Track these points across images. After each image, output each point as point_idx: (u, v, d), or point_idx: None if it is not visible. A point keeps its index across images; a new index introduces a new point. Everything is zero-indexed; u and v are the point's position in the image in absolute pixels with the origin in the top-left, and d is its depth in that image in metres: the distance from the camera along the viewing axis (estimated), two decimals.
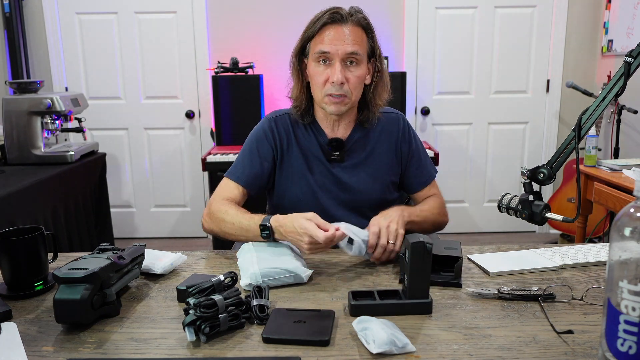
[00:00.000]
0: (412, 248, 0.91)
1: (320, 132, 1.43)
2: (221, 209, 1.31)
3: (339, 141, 1.41)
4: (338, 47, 1.28)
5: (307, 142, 1.43)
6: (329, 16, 1.29)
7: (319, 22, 1.30)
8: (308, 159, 1.43)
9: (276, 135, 1.43)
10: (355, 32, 1.30)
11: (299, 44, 1.36)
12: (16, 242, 1.03)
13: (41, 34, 3.62)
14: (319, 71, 1.32)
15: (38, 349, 0.83)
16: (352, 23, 1.30)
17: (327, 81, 1.31)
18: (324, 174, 1.42)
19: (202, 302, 0.85)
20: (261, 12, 3.61)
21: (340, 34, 1.29)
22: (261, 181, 1.43)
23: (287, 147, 1.43)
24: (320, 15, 1.31)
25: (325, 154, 1.42)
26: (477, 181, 3.86)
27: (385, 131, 1.46)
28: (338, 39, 1.29)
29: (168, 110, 3.75)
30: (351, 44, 1.29)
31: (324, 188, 1.42)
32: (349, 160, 1.43)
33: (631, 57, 1.20)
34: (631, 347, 0.67)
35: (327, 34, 1.29)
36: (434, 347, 0.82)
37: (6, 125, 2.59)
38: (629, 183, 2.19)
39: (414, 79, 3.69)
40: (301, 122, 1.44)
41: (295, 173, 1.42)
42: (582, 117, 1.21)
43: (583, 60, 3.67)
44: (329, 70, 1.30)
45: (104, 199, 3.04)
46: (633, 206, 0.66)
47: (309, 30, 1.33)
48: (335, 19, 1.29)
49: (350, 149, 1.43)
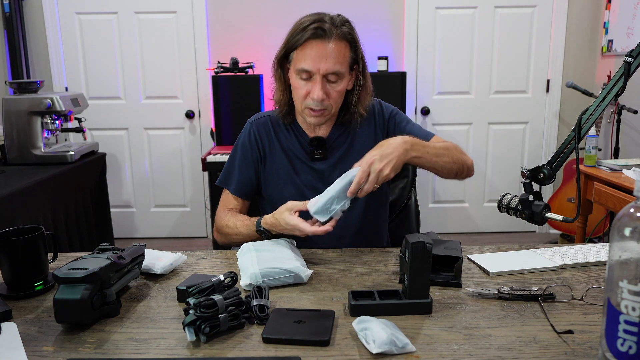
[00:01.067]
0: (412, 248, 0.91)
1: (302, 132, 1.44)
2: (223, 224, 1.40)
3: (320, 140, 1.41)
4: (320, 65, 1.27)
5: (289, 143, 1.44)
6: (312, 31, 1.26)
7: (302, 34, 1.27)
8: (291, 159, 1.43)
9: (258, 138, 1.44)
10: (338, 49, 1.28)
11: (282, 50, 1.34)
12: (16, 242, 1.03)
13: (41, 34, 3.62)
14: (300, 84, 1.31)
15: (38, 349, 0.83)
16: (336, 38, 1.27)
17: (307, 95, 1.31)
18: (308, 173, 1.42)
19: (202, 302, 0.85)
20: (261, 12, 3.61)
21: (323, 52, 1.26)
22: (251, 187, 1.46)
23: (269, 150, 1.44)
24: (304, 26, 1.27)
25: (308, 154, 1.43)
26: (477, 181, 3.86)
27: (364, 121, 1.44)
28: (320, 57, 1.26)
29: (168, 110, 3.75)
30: (333, 63, 1.27)
31: (310, 186, 1.41)
32: (332, 156, 1.43)
33: (631, 57, 1.20)
34: (631, 347, 0.67)
35: (309, 51, 1.27)
36: (434, 347, 0.82)
37: (6, 125, 2.59)
38: (629, 183, 2.19)
39: (414, 79, 3.69)
40: (282, 124, 1.45)
41: (281, 175, 1.43)
42: (582, 117, 1.21)
43: (583, 60, 3.67)
44: (310, 85, 1.30)
45: (104, 199, 3.04)
46: (633, 206, 0.66)
47: (292, 39, 1.30)
48: (319, 35, 1.26)
49: (332, 146, 1.43)
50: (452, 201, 3.89)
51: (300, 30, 1.28)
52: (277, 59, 1.36)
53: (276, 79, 1.40)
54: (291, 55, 1.32)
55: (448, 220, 3.91)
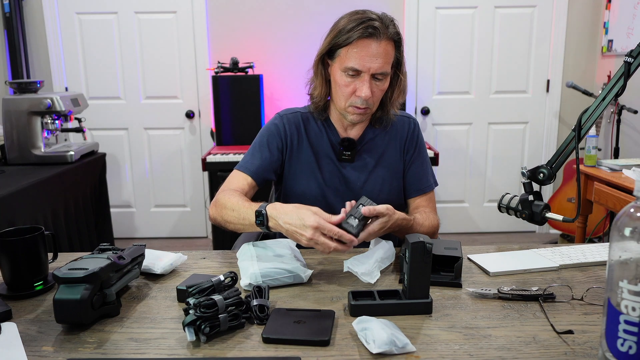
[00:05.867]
0: (412, 248, 0.91)
1: (333, 130, 1.44)
2: (225, 197, 1.29)
3: (350, 141, 1.42)
4: (370, 65, 1.27)
5: (318, 139, 1.44)
6: (363, 30, 1.25)
7: (353, 32, 1.26)
8: (318, 156, 1.43)
9: (287, 130, 1.43)
10: (386, 50, 1.28)
11: (326, 46, 1.32)
12: (16, 242, 1.03)
13: (41, 34, 3.62)
14: (346, 82, 1.31)
15: (38, 349, 0.83)
16: (385, 37, 1.27)
17: (353, 93, 1.31)
18: (333, 173, 1.43)
19: (202, 302, 0.85)
20: (261, 12, 3.61)
21: (373, 52, 1.26)
22: (269, 173, 1.42)
23: (297, 143, 1.43)
24: (353, 25, 1.26)
25: (336, 153, 1.43)
26: (477, 181, 3.86)
27: (396, 133, 1.47)
28: (370, 56, 1.26)
29: (168, 110, 3.75)
30: (382, 63, 1.27)
31: (332, 186, 1.42)
32: (359, 160, 1.44)
33: (631, 57, 1.20)
34: (631, 347, 0.67)
35: (359, 50, 1.26)
36: (434, 347, 0.82)
37: (6, 125, 2.59)
38: (629, 183, 2.19)
39: (414, 79, 3.69)
40: (313, 120, 1.45)
41: (305, 169, 1.43)
42: (582, 117, 1.21)
43: (583, 60, 3.67)
44: (357, 83, 1.30)
45: (104, 199, 3.04)
46: (633, 206, 0.66)
47: (339, 36, 1.28)
48: (370, 34, 1.26)
49: (362, 150, 1.44)
50: (452, 201, 3.89)
51: (349, 29, 1.27)
52: (320, 54, 1.35)
53: (316, 74, 1.39)
54: (338, 52, 1.31)
55: (448, 220, 3.91)
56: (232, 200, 1.26)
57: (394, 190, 1.46)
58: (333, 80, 1.35)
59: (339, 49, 1.30)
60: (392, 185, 1.45)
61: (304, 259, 1.17)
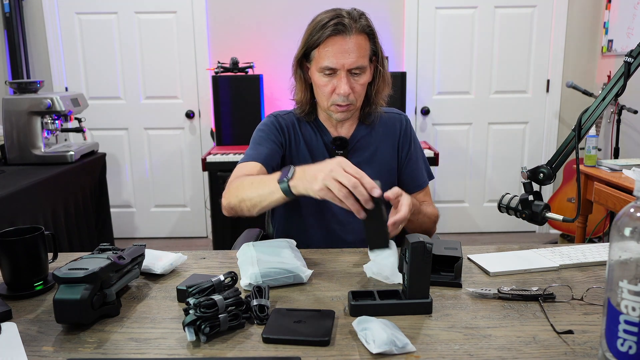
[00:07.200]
0: (412, 248, 0.91)
1: (324, 130, 1.45)
2: (239, 180, 1.25)
3: (342, 139, 1.42)
4: (343, 61, 1.27)
5: (312, 140, 1.45)
6: (332, 27, 1.26)
7: (322, 32, 1.27)
8: (314, 155, 1.44)
9: (284, 128, 1.44)
10: (359, 43, 1.28)
11: (302, 50, 1.34)
12: (16, 242, 1.03)
13: (41, 34, 3.62)
14: (324, 82, 1.32)
15: (38, 349, 0.83)
16: (356, 32, 1.27)
17: (333, 92, 1.32)
18: None
19: (202, 302, 0.84)
20: (261, 12, 3.61)
21: (345, 47, 1.27)
22: (275, 162, 1.40)
23: (294, 142, 1.44)
24: (323, 23, 1.27)
25: (330, 153, 1.43)
26: (477, 181, 3.86)
27: (388, 130, 1.47)
28: (343, 52, 1.27)
29: (168, 110, 3.75)
30: (356, 57, 1.28)
31: None
32: (353, 158, 1.44)
33: (631, 57, 1.20)
34: (631, 347, 0.67)
35: (331, 48, 1.27)
36: (434, 347, 0.82)
37: (6, 125, 2.59)
38: (629, 183, 2.19)
39: (414, 79, 3.69)
40: (305, 121, 1.45)
41: None
42: (582, 117, 1.21)
43: (583, 60, 3.67)
44: (335, 81, 1.30)
45: (104, 199, 3.04)
46: (633, 206, 0.66)
47: (311, 37, 1.30)
48: (339, 30, 1.26)
49: (354, 148, 1.44)
50: (452, 201, 3.89)
51: (320, 28, 1.28)
52: (297, 58, 1.36)
53: (296, 79, 1.40)
54: (312, 53, 1.32)
55: (448, 220, 3.91)
56: (248, 178, 1.23)
57: (387, 186, 1.45)
58: (313, 82, 1.36)
59: (313, 51, 1.31)
60: (387, 182, 1.45)
61: (304, 259, 1.17)
